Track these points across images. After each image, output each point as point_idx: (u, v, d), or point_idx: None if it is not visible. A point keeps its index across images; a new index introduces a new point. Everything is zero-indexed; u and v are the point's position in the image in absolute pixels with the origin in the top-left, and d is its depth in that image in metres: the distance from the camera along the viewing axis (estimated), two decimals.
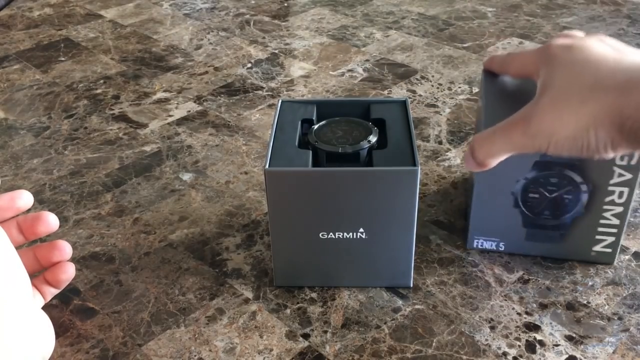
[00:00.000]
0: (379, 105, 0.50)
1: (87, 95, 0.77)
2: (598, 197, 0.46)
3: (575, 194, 0.46)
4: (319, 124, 0.48)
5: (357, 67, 0.82)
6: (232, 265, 0.50)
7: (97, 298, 0.47)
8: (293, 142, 0.46)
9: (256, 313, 0.46)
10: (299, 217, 0.44)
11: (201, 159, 0.64)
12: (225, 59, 0.85)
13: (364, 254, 0.45)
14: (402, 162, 0.43)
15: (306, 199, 0.43)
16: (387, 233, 0.45)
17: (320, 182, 0.42)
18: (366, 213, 0.43)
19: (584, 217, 0.47)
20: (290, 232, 0.45)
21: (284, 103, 0.50)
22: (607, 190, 0.45)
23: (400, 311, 0.46)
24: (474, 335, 0.44)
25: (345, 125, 0.48)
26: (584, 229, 0.48)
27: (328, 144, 0.46)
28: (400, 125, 0.47)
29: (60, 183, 0.61)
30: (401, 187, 0.42)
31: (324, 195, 0.43)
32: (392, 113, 0.49)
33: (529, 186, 0.47)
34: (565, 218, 0.47)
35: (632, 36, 0.88)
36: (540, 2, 1.01)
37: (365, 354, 0.42)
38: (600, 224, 0.47)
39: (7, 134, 0.69)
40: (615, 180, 0.45)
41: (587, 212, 0.47)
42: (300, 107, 0.50)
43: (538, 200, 0.47)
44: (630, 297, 0.46)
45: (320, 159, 0.46)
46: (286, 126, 0.48)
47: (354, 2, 1.04)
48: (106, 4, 1.05)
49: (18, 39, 0.93)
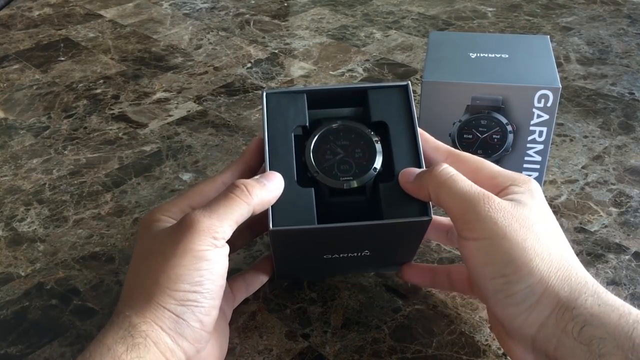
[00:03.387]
0: (377, 94, 0.44)
1: (87, 95, 0.77)
2: (521, 136, 0.52)
3: (502, 134, 0.52)
4: (314, 139, 0.42)
5: (357, 67, 0.82)
6: (231, 266, 0.50)
7: (97, 298, 0.47)
8: (291, 174, 0.41)
9: (256, 313, 0.46)
10: (304, 252, 0.44)
11: (201, 158, 0.64)
12: (225, 59, 0.85)
13: (368, 261, 0.46)
14: (414, 209, 0.40)
15: (312, 246, 0.43)
16: (393, 254, 0.46)
17: (329, 234, 0.41)
18: (373, 246, 0.43)
19: (510, 155, 0.53)
20: (293, 258, 0.45)
21: (270, 97, 0.43)
22: (528, 130, 0.51)
23: (400, 311, 0.46)
24: (474, 335, 0.44)
25: (344, 137, 0.42)
26: (511, 166, 0.53)
27: (330, 175, 0.41)
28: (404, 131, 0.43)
29: (60, 183, 0.61)
30: (411, 231, 0.42)
31: (330, 240, 0.42)
32: (393, 108, 0.44)
33: (463, 128, 0.52)
34: (495, 156, 0.53)
35: (632, 36, 0.88)
36: (540, 2, 1.01)
37: (365, 354, 0.42)
38: (525, 160, 0.53)
39: (7, 134, 0.69)
40: (535, 120, 0.51)
41: (514, 150, 0.53)
42: (290, 102, 0.43)
43: (471, 141, 0.53)
44: (630, 297, 0.46)
45: (322, 191, 0.41)
46: (279, 146, 0.42)
47: (354, 2, 1.04)
48: (106, 4, 1.05)
49: (18, 38, 0.93)
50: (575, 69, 0.79)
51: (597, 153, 0.63)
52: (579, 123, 0.68)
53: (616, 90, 0.74)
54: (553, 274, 0.34)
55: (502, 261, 0.35)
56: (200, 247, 0.35)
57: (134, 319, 0.35)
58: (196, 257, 0.35)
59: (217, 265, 0.36)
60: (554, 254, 0.35)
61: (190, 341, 0.36)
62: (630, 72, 0.78)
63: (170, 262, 0.35)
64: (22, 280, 0.49)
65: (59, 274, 0.50)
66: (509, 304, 0.35)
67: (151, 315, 0.35)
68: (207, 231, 0.35)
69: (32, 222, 0.55)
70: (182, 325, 0.35)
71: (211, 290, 0.36)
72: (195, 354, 0.36)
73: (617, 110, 0.70)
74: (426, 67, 0.53)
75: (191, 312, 0.35)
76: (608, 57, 0.82)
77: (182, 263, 0.35)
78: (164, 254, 0.36)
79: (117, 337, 0.34)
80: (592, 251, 0.51)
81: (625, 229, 0.53)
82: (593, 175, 0.59)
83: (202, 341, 0.37)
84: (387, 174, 0.41)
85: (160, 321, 0.35)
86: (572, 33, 0.89)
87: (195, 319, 0.35)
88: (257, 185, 0.38)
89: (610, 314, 0.33)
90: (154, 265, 0.36)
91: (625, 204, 0.56)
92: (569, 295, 0.34)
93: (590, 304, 0.33)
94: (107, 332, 0.35)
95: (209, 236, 0.36)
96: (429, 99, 0.52)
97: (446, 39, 0.59)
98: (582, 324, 0.33)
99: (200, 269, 0.35)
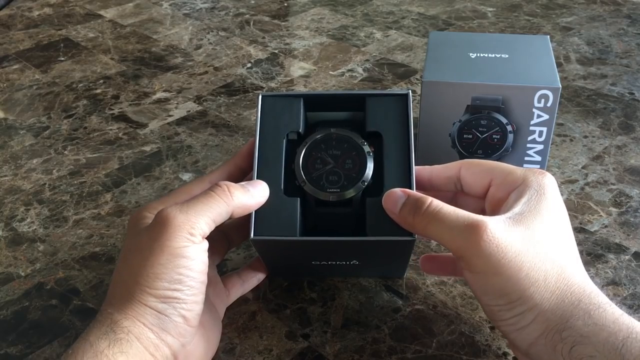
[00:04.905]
0: (375, 103, 0.43)
1: (87, 95, 0.77)
2: (521, 136, 0.52)
3: (502, 134, 0.52)
4: (305, 147, 0.42)
5: (357, 67, 0.82)
6: (231, 266, 0.50)
7: (97, 298, 0.47)
8: (278, 182, 0.41)
9: (256, 313, 0.46)
10: (290, 258, 0.44)
11: (201, 159, 0.64)
12: (225, 59, 0.85)
13: (360, 268, 0.46)
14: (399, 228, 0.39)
15: (297, 253, 0.43)
16: (381, 267, 0.46)
17: (312, 246, 0.41)
18: (359, 258, 0.43)
19: (510, 155, 0.53)
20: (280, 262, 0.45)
21: (266, 100, 0.43)
22: (528, 130, 0.51)
23: (400, 311, 0.46)
24: (474, 336, 0.44)
25: (336, 146, 0.41)
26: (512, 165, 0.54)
27: (317, 186, 0.40)
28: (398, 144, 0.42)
29: (59, 183, 0.61)
30: (396, 248, 0.42)
31: (315, 250, 0.42)
32: (389, 119, 0.43)
33: (463, 128, 0.52)
34: (495, 156, 0.53)
35: (632, 36, 0.88)
36: (540, 2, 1.01)
37: (365, 354, 0.42)
38: (525, 160, 0.53)
39: (7, 134, 0.69)
40: (535, 120, 0.51)
41: (514, 150, 0.53)
42: (285, 106, 0.43)
43: (471, 141, 0.52)
44: (630, 297, 0.46)
45: (309, 200, 0.41)
46: (269, 151, 0.41)
47: (354, 2, 1.04)
48: (106, 4, 1.05)
49: (18, 38, 0.93)
50: (575, 69, 0.79)
51: (597, 153, 0.63)
52: (579, 123, 0.68)
53: (616, 90, 0.74)
54: (546, 300, 0.35)
55: (496, 294, 0.36)
56: (177, 243, 0.35)
57: (116, 316, 0.35)
58: (173, 254, 0.35)
59: (196, 262, 0.36)
60: (550, 276, 0.35)
61: (174, 335, 0.36)
62: (630, 72, 0.78)
63: (149, 261, 0.35)
64: (22, 281, 0.49)
65: (59, 274, 0.50)
66: (503, 324, 0.36)
67: (133, 312, 0.35)
68: (183, 227, 0.35)
69: (32, 222, 0.55)
70: (164, 321, 0.35)
71: (192, 287, 0.36)
72: (181, 347, 0.37)
73: (617, 110, 0.70)
74: (426, 67, 0.53)
75: (173, 308, 0.35)
76: (608, 57, 0.82)
77: (159, 261, 0.35)
78: (142, 253, 0.36)
79: (99, 334, 0.34)
80: (592, 251, 0.51)
81: (625, 229, 0.53)
82: (593, 175, 0.59)
83: (187, 335, 0.37)
84: (376, 188, 0.41)
85: (142, 317, 0.35)
86: (572, 33, 0.89)
87: (177, 315, 0.36)
88: (240, 189, 0.38)
89: (599, 333, 0.33)
90: (135, 263, 0.36)
91: (625, 204, 0.56)
92: (560, 319, 0.34)
93: (580, 325, 0.34)
94: (90, 330, 0.35)
95: (185, 232, 0.35)
96: (429, 99, 0.52)
97: (446, 39, 0.59)
98: (571, 344, 0.33)
99: (178, 266, 0.35)
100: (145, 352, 0.35)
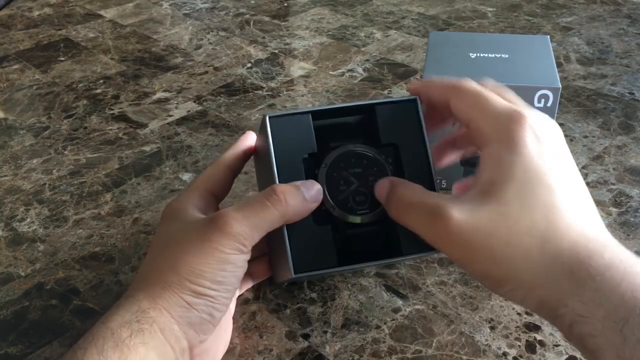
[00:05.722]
0: (386, 111, 0.41)
1: (87, 95, 0.77)
2: None
3: None
4: (326, 168, 0.40)
5: (357, 67, 0.82)
6: None
7: (97, 298, 0.47)
8: None
9: (256, 313, 0.46)
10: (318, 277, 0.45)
11: (201, 159, 0.64)
12: (225, 59, 0.85)
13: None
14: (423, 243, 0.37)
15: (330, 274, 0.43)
16: None
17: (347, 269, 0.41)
18: None
19: None
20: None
21: (273, 121, 0.39)
22: None
23: (400, 311, 0.46)
24: (474, 336, 0.44)
25: (355, 163, 0.40)
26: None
27: (346, 209, 0.39)
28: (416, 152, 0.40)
29: (59, 183, 0.61)
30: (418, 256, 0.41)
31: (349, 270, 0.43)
32: (403, 128, 0.41)
33: None
34: None
35: (632, 36, 0.88)
36: (540, 2, 1.01)
37: (365, 354, 0.42)
38: None
39: (7, 134, 0.69)
40: None
41: None
42: (295, 127, 0.40)
43: None
44: None
45: (338, 223, 0.40)
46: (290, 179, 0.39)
47: (354, 2, 1.04)
48: (106, 4, 1.05)
49: (18, 38, 0.93)
50: (575, 69, 0.79)
51: (597, 153, 0.63)
52: (579, 123, 0.68)
53: (616, 90, 0.74)
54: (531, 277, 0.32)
55: (479, 277, 0.35)
56: (228, 251, 0.36)
57: (144, 304, 0.35)
58: (222, 259, 0.36)
59: (239, 269, 0.37)
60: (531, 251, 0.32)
61: (197, 331, 0.36)
62: (630, 72, 0.78)
63: (196, 258, 0.36)
64: (22, 280, 0.49)
65: (59, 274, 0.50)
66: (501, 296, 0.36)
67: (163, 302, 0.35)
68: (237, 237, 0.36)
69: (32, 222, 0.55)
70: (192, 314, 0.36)
71: (228, 290, 0.37)
72: (198, 344, 0.37)
73: (617, 110, 0.70)
74: (426, 67, 0.53)
75: (205, 305, 0.36)
76: (608, 57, 0.82)
77: (207, 261, 0.36)
78: (188, 247, 0.36)
79: (122, 321, 0.34)
80: None
81: (625, 229, 0.53)
82: (593, 175, 0.59)
83: (208, 332, 0.37)
84: None
85: (172, 309, 0.35)
86: (572, 33, 0.89)
87: (207, 312, 0.36)
88: (296, 196, 0.37)
89: (596, 311, 0.30)
90: (176, 254, 0.36)
91: (625, 204, 0.56)
92: (552, 295, 0.32)
93: (575, 303, 0.31)
94: (112, 316, 0.35)
95: (239, 242, 0.36)
96: None
97: (446, 39, 0.59)
98: (569, 322, 0.31)
99: (224, 270, 0.36)
100: (166, 343, 0.35)
